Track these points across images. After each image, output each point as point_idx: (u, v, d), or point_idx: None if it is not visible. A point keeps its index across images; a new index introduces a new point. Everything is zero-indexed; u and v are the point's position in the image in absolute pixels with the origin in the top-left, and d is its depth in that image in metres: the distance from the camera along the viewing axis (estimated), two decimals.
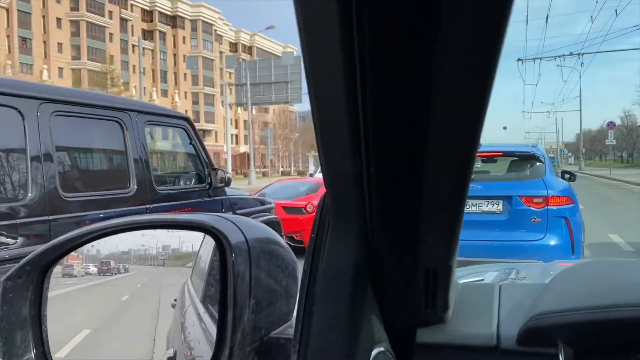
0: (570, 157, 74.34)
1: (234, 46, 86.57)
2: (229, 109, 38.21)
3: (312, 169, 55.05)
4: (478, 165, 6.32)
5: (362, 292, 0.64)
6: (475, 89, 0.43)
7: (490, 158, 5.97)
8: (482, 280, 1.51)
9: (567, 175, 6.96)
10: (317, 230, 0.62)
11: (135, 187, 3.92)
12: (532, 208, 5.15)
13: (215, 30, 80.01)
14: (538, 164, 5.59)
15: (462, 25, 0.39)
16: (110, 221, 0.82)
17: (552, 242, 5.05)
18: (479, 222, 5.20)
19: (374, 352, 0.66)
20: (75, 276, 0.95)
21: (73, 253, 0.93)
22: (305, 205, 8.24)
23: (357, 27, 0.37)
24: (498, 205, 5.29)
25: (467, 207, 5.48)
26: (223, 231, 0.73)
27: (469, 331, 0.81)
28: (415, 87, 0.42)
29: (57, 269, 0.97)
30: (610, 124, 36.38)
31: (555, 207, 5.10)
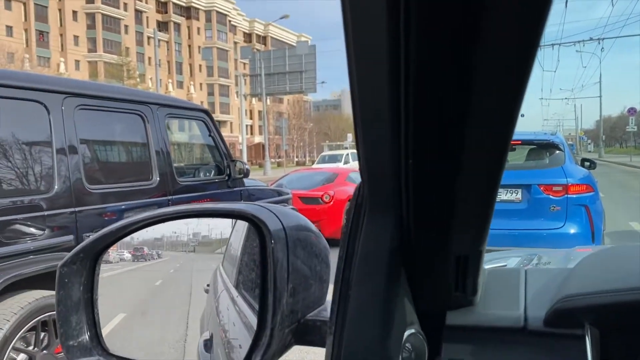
0: (589, 144, 73.31)
1: (248, 36, 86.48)
2: (243, 99, 38.26)
3: (324, 157, 55.17)
4: None
5: (395, 277, 0.67)
6: (512, 88, 0.46)
7: (512, 147, 5.84)
8: (506, 265, 1.53)
9: (587, 163, 7.01)
10: (352, 218, 0.65)
11: (158, 178, 3.98)
12: (551, 196, 5.12)
13: (230, 21, 79.95)
14: (557, 152, 5.56)
15: (501, 25, 0.41)
16: (157, 211, 0.86)
17: (572, 231, 5.03)
18: (498, 211, 5.01)
19: (405, 334, 0.69)
20: (111, 262, 1.00)
21: None
22: (322, 195, 8.20)
23: (404, 21, 0.39)
24: (517, 194, 5.27)
25: None
26: (263, 219, 0.77)
27: (497, 313, 0.82)
28: (457, 84, 0.45)
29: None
30: (631, 110, 35.78)
31: (575, 196, 5.08)
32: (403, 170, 0.55)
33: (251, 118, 79.20)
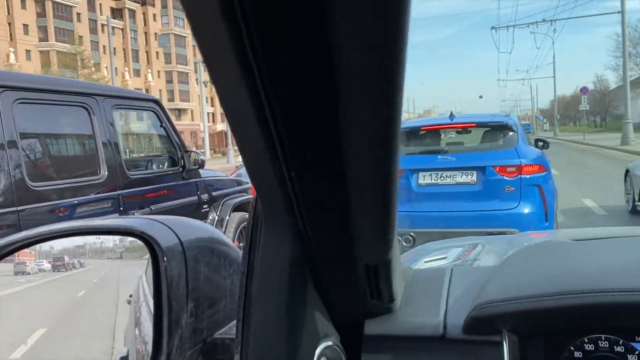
0: (545, 123, 75.20)
1: None
2: (203, 86, 37.67)
3: None
4: (452, 135, 6.40)
5: (301, 289, 0.64)
6: (385, 82, 0.41)
7: (464, 129, 6.02)
8: (445, 258, 1.52)
9: (540, 143, 7.12)
10: (251, 230, 0.61)
11: (106, 173, 3.86)
12: (505, 177, 5.22)
13: None
14: (511, 133, 5.66)
15: (355, 18, 0.36)
16: (35, 230, 0.80)
17: (526, 211, 5.17)
18: (454, 193, 5.27)
19: (320, 347, 0.66)
20: (29, 274, 0.94)
21: (25, 250, 0.92)
22: None
23: (246, 34, 0.36)
24: (472, 176, 5.32)
25: (442, 179, 5.26)
26: (154, 235, 0.72)
27: (416, 321, 0.82)
28: (319, 88, 0.41)
29: (9, 267, 0.95)
30: (584, 89, 36.79)
31: (528, 176, 5.21)
32: (288, 182, 0.52)
33: (212, 105, 78.10)
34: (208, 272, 0.75)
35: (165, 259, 0.69)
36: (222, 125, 70.28)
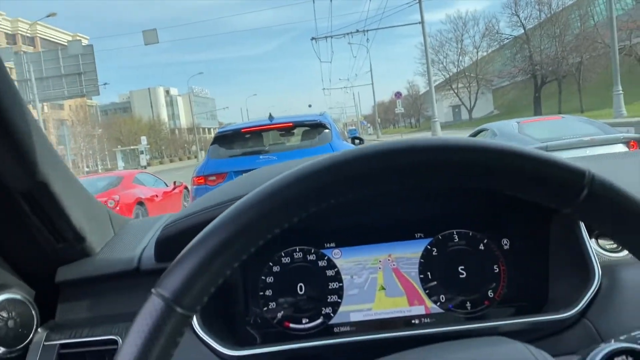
0: (369, 127, 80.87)
1: (12, 38, 76.45)
2: None
3: (120, 164, 51.74)
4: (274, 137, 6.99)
5: None
6: None
7: (287, 130, 6.62)
8: None
9: (357, 141, 8.15)
10: None
11: None
12: None
13: None
14: (325, 130, 6.27)
15: None
16: None
17: None
18: None
19: None
20: None
21: None
22: (106, 201, 8.20)
23: None
24: None
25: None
26: None
27: (113, 259, 0.78)
28: None
29: None
30: (398, 94, 40.07)
31: None
32: None
33: None
34: None
35: None
36: None
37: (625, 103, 17.51)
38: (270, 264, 0.82)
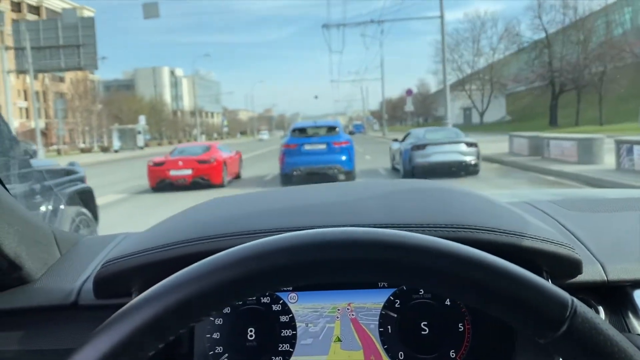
0: (375, 124, 79.83)
1: (17, 5, 75.21)
2: (7, 76, 32.64)
3: (116, 144, 50.29)
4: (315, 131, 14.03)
5: None
6: None
7: (319, 128, 13.94)
8: None
9: (350, 133, 20.74)
10: None
11: None
12: (336, 146, 13.06)
13: None
14: (337, 128, 13.93)
15: None
16: None
17: (343, 158, 12.95)
18: (317, 151, 13.06)
19: None
20: None
21: None
22: (210, 158, 13.95)
23: None
24: (324, 145, 13.16)
25: (312, 146, 14.52)
26: None
27: (52, 289, 0.76)
28: None
29: None
30: (409, 91, 39.13)
31: (344, 145, 13.14)
32: None
33: (26, 99, 69.33)
34: None
35: None
36: (39, 122, 62.67)
37: None
38: None
